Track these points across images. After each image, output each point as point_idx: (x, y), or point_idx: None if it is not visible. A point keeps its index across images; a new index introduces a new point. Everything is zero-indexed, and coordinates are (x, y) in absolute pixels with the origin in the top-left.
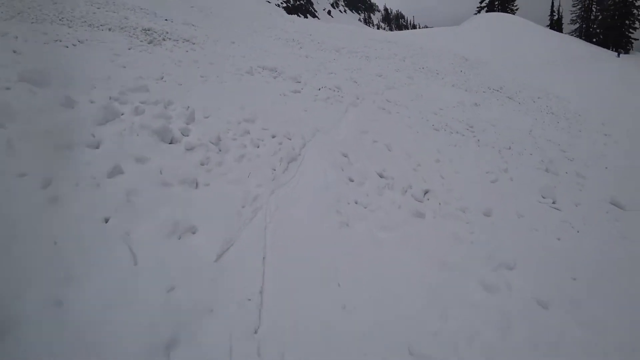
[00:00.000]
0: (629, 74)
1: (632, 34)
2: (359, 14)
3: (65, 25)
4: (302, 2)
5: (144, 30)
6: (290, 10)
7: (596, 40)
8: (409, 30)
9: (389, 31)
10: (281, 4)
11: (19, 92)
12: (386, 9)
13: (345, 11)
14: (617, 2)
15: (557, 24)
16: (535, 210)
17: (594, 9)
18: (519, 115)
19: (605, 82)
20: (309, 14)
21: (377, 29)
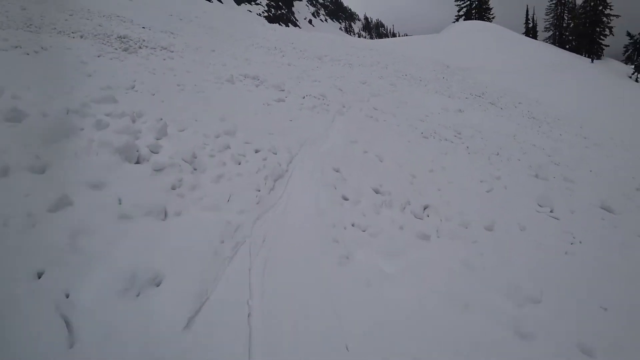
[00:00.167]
0: (603, 79)
1: (602, 40)
2: (340, 23)
3: (32, 32)
4: (283, 11)
5: (119, 37)
6: (271, 19)
7: (569, 46)
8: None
9: (370, 39)
10: (262, 13)
11: None
12: (366, 18)
13: (326, 20)
14: (588, 11)
15: (532, 32)
16: (534, 220)
17: (565, 17)
18: (502, 120)
19: (581, 87)
20: (290, 23)
21: (358, 38)
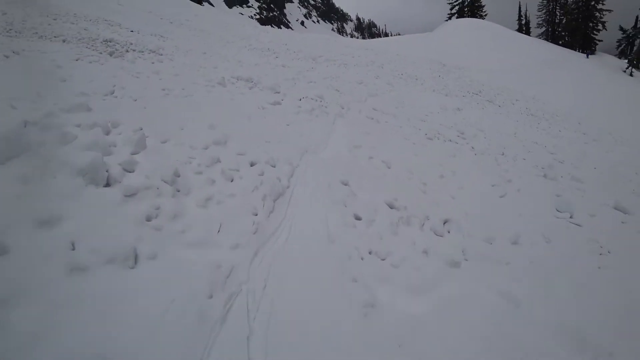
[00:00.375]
0: (598, 74)
1: (596, 35)
2: (332, 24)
3: (11, 36)
4: (275, 13)
5: (105, 41)
6: (263, 22)
7: (562, 42)
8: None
9: (363, 40)
10: (254, 16)
11: None
12: (358, 19)
13: (318, 21)
14: (580, 6)
15: (525, 28)
16: (557, 229)
17: (557, 13)
18: (501, 118)
19: (577, 82)
20: (282, 25)
21: (351, 38)
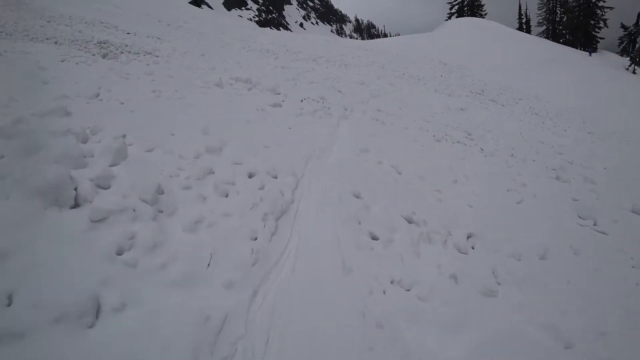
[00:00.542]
0: (601, 72)
1: (597, 33)
2: (331, 26)
3: (1, 38)
4: (274, 15)
5: (99, 43)
6: (262, 24)
7: (563, 40)
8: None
9: (362, 40)
10: (253, 18)
11: None
12: (357, 20)
13: (317, 23)
14: (581, 3)
15: (525, 27)
16: (583, 239)
17: (558, 11)
18: (505, 117)
19: (579, 80)
20: (281, 27)
21: (350, 39)
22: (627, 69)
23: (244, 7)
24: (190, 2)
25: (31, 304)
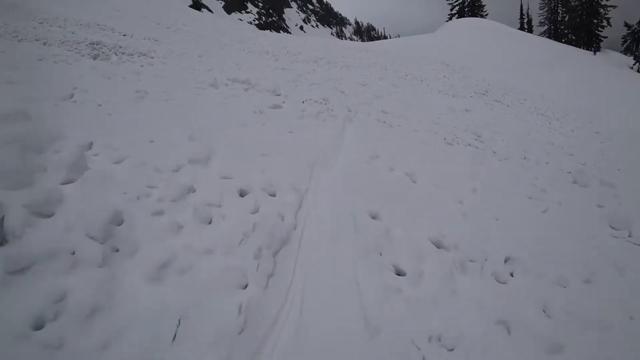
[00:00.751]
0: (606, 71)
1: (601, 32)
2: (331, 28)
3: None
4: (274, 19)
5: (91, 44)
6: (262, 27)
7: (565, 40)
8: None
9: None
10: (253, 21)
11: None
12: (357, 22)
13: (317, 26)
14: (584, 2)
15: (527, 27)
16: (623, 254)
17: (560, 10)
18: (511, 118)
19: (585, 79)
20: (281, 30)
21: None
22: (632, 68)
23: (244, 11)
24: (190, 6)
25: None
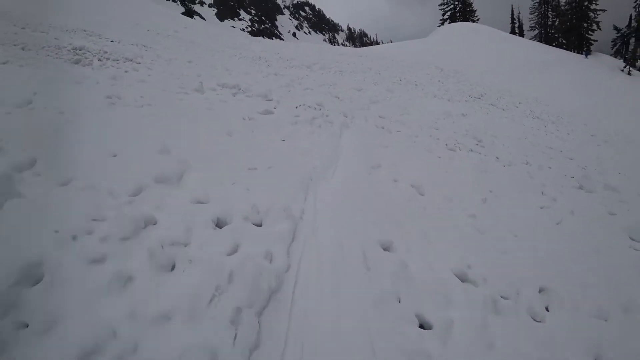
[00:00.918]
0: (599, 74)
1: (591, 35)
2: (324, 35)
3: None
4: (266, 25)
5: (74, 49)
6: (255, 34)
7: (556, 44)
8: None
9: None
10: (246, 28)
11: None
12: (349, 29)
13: (310, 32)
14: (574, 7)
15: (518, 31)
16: None
17: (550, 15)
18: (507, 122)
19: (578, 82)
20: (274, 37)
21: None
22: (622, 71)
23: (236, 18)
24: (182, 13)
25: None
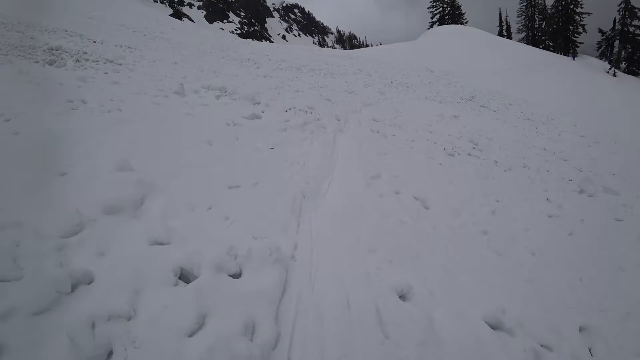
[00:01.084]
0: (585, 76)
1: (577, 38)
2: (313, 37)
3: None
4: (256, 28)
5: (50, 49)
6: (244, 36)
7: (542, 46)
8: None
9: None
10: (235, 31)
11: None
12: (339, 31)
13: (299, 35)
14: (560, 10)
15: (506, 34)
16: None
17: (536, 18)
18: (499, 124)
19: (566, 84)
20: (263, 39)
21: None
22: (608, 72)
23: (226, 20)
24: (170, 15)
25: None
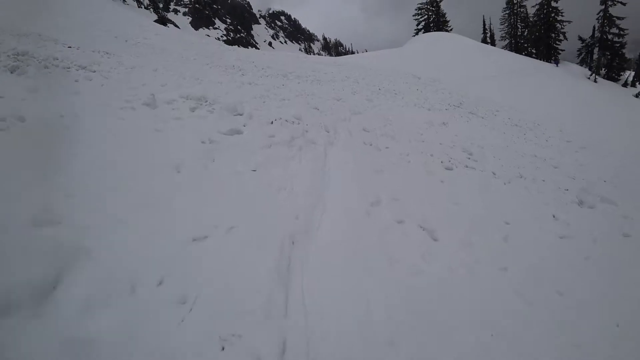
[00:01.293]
0: (568, 82)
1: (558, 45)
2: (300, 44)
3: None
4: (242, 35)
5: (15, 55)
6: (230, 43)
7: (525, 53)
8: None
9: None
10: (221, 37)
11: None
12: (325, 38)
13: (285, 42)
14: (542, 18)
15: (490, 41)
16: None
17: (519, 25)
18: (489, 130)
19: (550, 90)
20: (250, 46)
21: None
22: (589, 78)
23: (211, 27)
24: (155, 21)
25: None
